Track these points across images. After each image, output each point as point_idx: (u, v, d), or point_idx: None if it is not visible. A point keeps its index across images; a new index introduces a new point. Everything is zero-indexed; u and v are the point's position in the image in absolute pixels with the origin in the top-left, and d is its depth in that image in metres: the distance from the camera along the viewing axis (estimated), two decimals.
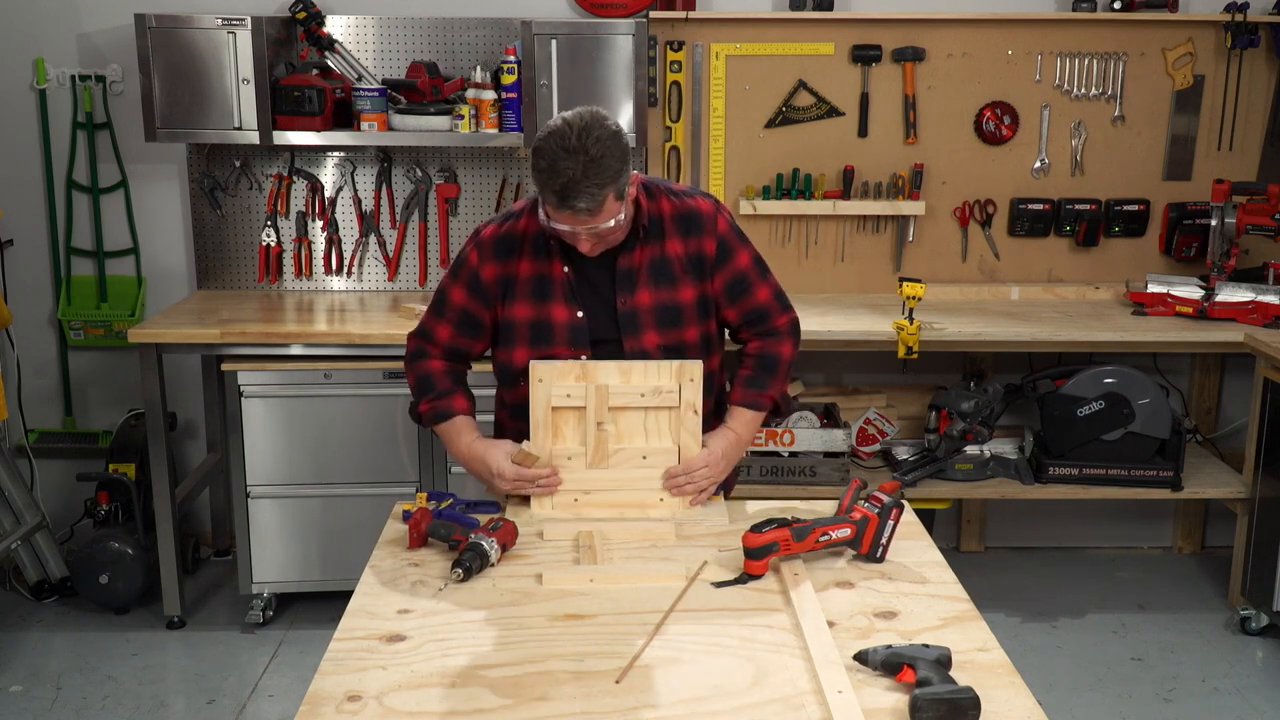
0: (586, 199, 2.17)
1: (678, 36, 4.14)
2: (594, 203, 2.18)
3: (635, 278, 2.40)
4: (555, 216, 2.24)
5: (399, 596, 2.02)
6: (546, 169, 2.18)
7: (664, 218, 2.40)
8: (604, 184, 2.18)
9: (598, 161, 2.16)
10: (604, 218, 2.23)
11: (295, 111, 3.85)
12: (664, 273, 2.40)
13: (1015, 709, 1.68)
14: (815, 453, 3.98)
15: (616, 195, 2.22)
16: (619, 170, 2.20)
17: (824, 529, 2.13)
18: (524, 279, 2.41)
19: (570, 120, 2.20)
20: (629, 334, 2.40)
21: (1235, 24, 4.14)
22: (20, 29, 4.14)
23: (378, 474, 3.80)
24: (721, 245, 2.43)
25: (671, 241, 2.41)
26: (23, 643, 3.83)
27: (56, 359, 4.40)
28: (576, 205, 2.18)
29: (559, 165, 2.16)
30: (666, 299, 2.41)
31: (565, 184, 2.16)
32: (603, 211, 2.21)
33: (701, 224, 2.41)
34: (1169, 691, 3.59)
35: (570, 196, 2.17)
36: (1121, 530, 4.63)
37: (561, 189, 2.16)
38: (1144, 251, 4.39)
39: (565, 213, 2.20)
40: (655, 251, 2.40)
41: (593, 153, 2.16)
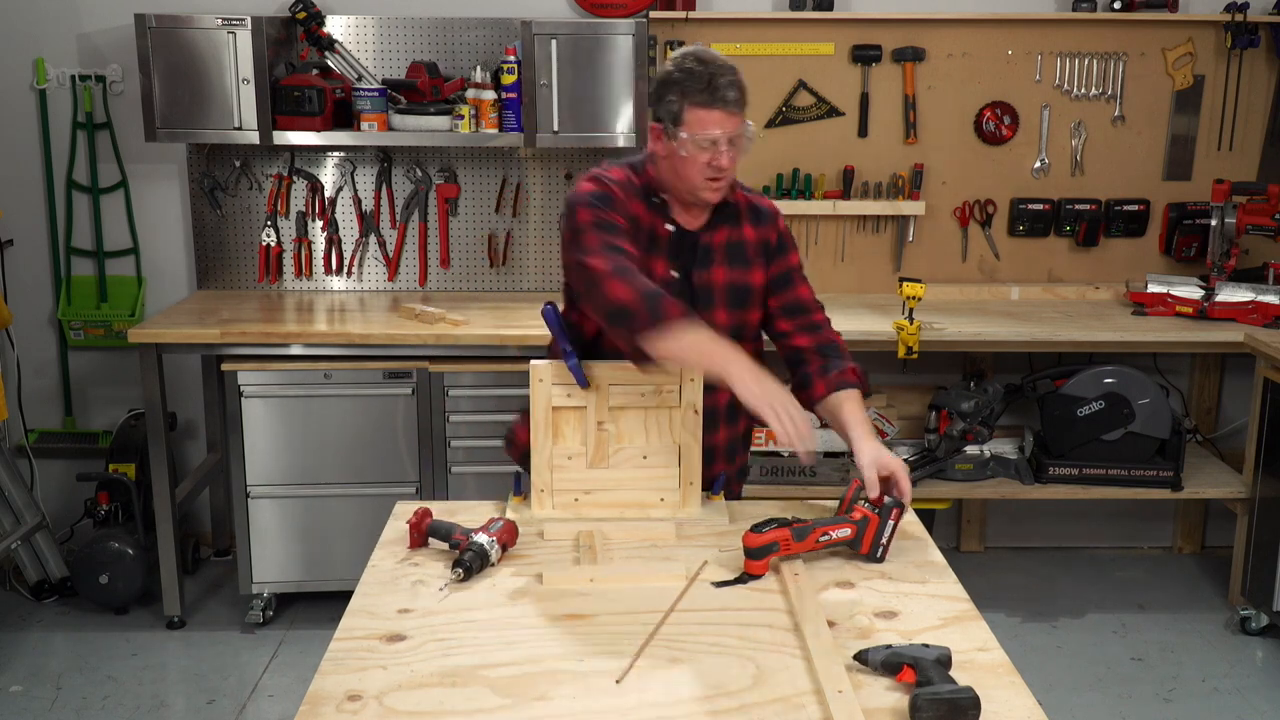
0: (734, 90, 2.26)
1: (678, 36, 4.14)
2: (741, 94, 2.27)
3: (712, 255, 2.46)
4: (704, 119, 2.27)
5: (399, 596, 2.01)
6: (690, 72, 2.26)
7: (739, 204, 2.49)
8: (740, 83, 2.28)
9: (724, 64, 2.28)
10: (743, 121, 2.31)
11: (295, 111, 3.85)
12: (739, 254, 2.47)
13: (1015, 709, 1.68)
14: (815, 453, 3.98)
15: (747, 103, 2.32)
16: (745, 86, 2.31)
17: (824, 529, 2.13)
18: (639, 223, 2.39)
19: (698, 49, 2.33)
20: (701, 309, 2.39)
21: (1235, 24, 4.14)
22: (20, 29, 4.14)
23: (378, 474, 3.80)
24: (781, 238, 2.53)
25: (746, 227, 2.49)
26: (23, 643, 3.83)
27: (56, 359, 4.40)
28: (728, 95, 2.25)
29: (692, 71, 2.26)
30: (739, 279, 2.47)
31: (710, 76, 2.25)
32: (743, 117, 2.30)
33: (768, 216, 2.53)
34: (1169, 691, 3.59)
35: (718, 87, 2.25)
36: (1121, 530, 4.63)
37: (710, 79, 2.24)
38: (1144, 251, 4.39)
39: (716, 109, 2.26)
40: (733, 234, 2.48)
41: (717, 60, 2.28)
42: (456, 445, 3.79)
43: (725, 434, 2.57)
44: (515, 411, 2.56)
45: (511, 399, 3.73)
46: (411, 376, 3.73)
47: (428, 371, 3.73)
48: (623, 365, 2.35)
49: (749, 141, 2.35)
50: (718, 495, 2.44)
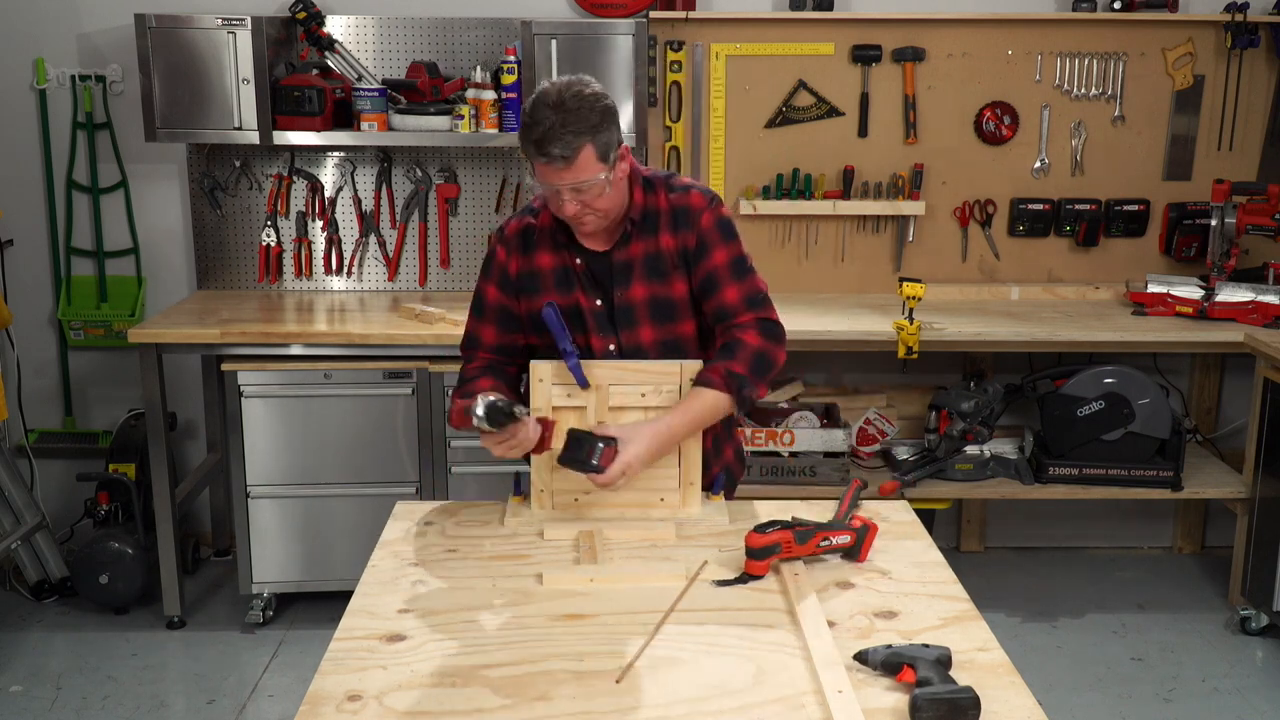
0: (561, 146, 2.20)
1: (678, 36, 4.14)
2: (569, 150, 2.21)
3: (630, 271, 2.40)
4: (539, 173, 2.27)
5: (399, 596, 2.01)
6: (528, 123, 2.24)
7: (659, 211, 2.40)
8: (580, 133, 2.21)
9: (574, 113, 2.21)
10: (582, 172, 2.23)
11: (295, 111, 3.85)
12: (656, 266, 2.40)
13: (1015, 709, 1.68)
14: (815, 453, 3.98)
15: (598, 153, 2.23)
16: (598, 125, 2.23)
17: (825, 534, 2.13)
18: (547, 271, 2.44)
19: (554, 81, 2.29)
20: (624, 328, 2.40)
21: (1235, 24, 4.14)
22: (20, 29, 4.14)
23: (378, 474, 3.80)
24: (700, 240, 2.38)
25: (664, 235, 2.40)
26: (23, 643, 3.83)
27: (56, 359, 4.40)
28: (551, 152, 2.21)
29: (537, 116, 2.22)
30: (660, 293, 2.40)
31: (542, 133, 2.21)
32: (579, 163, 2.23)
33: (689, 218, 2.39)
34: (1169, 691, 3.59)
35: (545, 143, 2.21)
36: (1121, 530, 4.63)
37: (539, 138, 2.22)
38: (1144, 251, 4.39)
39: (543, 163, 2.24)
40: (650, 245, 2.40)
41: (569, 105, 2.22)
42: (456, 445, 3.79)
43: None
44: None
45: None
46: (411, 376, 3.73)
47: (428, 371, 3.73)
48: (623, 365, 2.35)
49: (596, 187, 2.26)
50: (718, 495, 2.44)
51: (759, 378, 2.36)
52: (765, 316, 2.40)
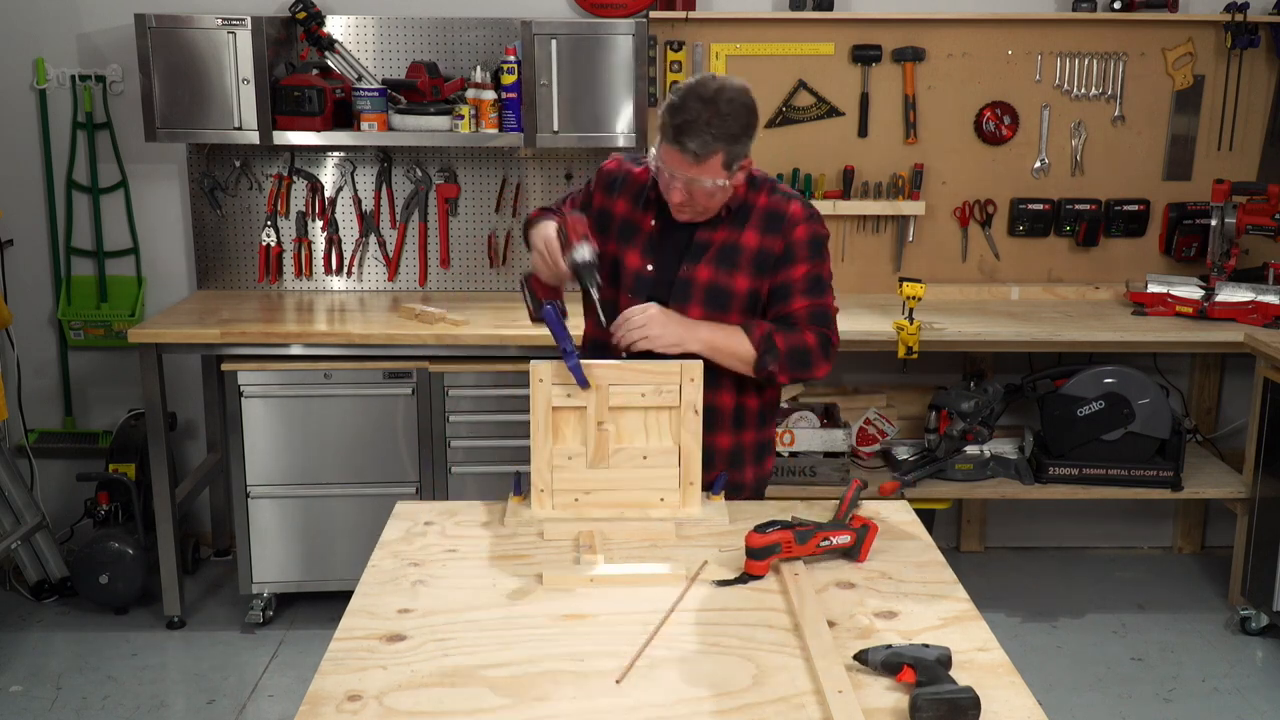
0: (699, 143, 2.27)
1: (678, 36, 4.14)
2: (704, 149, 2.27)
3: (704, 251, 2.47)
4: (664, 153, 2.33)
5: (399, 596, 2.01)
6: (676, 105, 2.30)
7: (753, 208, 2.47)
8: (719, 138, 2.28)
9: (723, 117, 2.27)
10: (705, 172, 2.31)
11: (295, 111, 3.85)
12: (729, 257, 2.46)
13: (1015, 709, 1.68)
14: (815, 453, 3.98)
15: (726, 161, 2.31)
16: (737, 135, 2.30)
17: (825, 534, 2.14)
18: (618, 217, 2.53)
19: (716, 76, 2.34)
20: (677, 300, 2.47)
21: (1235, 24, 4.14)
22: (20, 29, 4.14)
23: (378, 474, 3.80)
24: (788, 249, 2.46)
25: (749, 232, 2.46)
26: (23, 643, 3.83)
27: (56, 359, 4.40)
28: (686, 145, 2.28)
29: (687, 104, 2.28)
30: (722, 281, 2.46)
31: (685, 121, 2.27)
32: (707, 164, 2.30)
33: (782, 224, 2.46)
34: (1169, 691, 3.59)
35: (685, 134, 2.27)
36: (1121, 530, 4.63)
37: (681, 125, 2.27)
38: (1144, 251, 4.39)
39: (675, 149, 2.30)
40: (732, 236, 2.47)
41: (722, 108, 2.28)
42: (456, 445, 3.79)
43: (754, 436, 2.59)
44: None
45: (511, 399, 3.73)
46: (411, 376, 3.73)
47: (428, 371, 3.73)
48: (623, 365, 2.35)
49: (708, 189, 2.35)
50: (718, 495, 2.44)
51: (789, 364, 2.44)
52: (826, 334, 2.48)
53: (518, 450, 3.66)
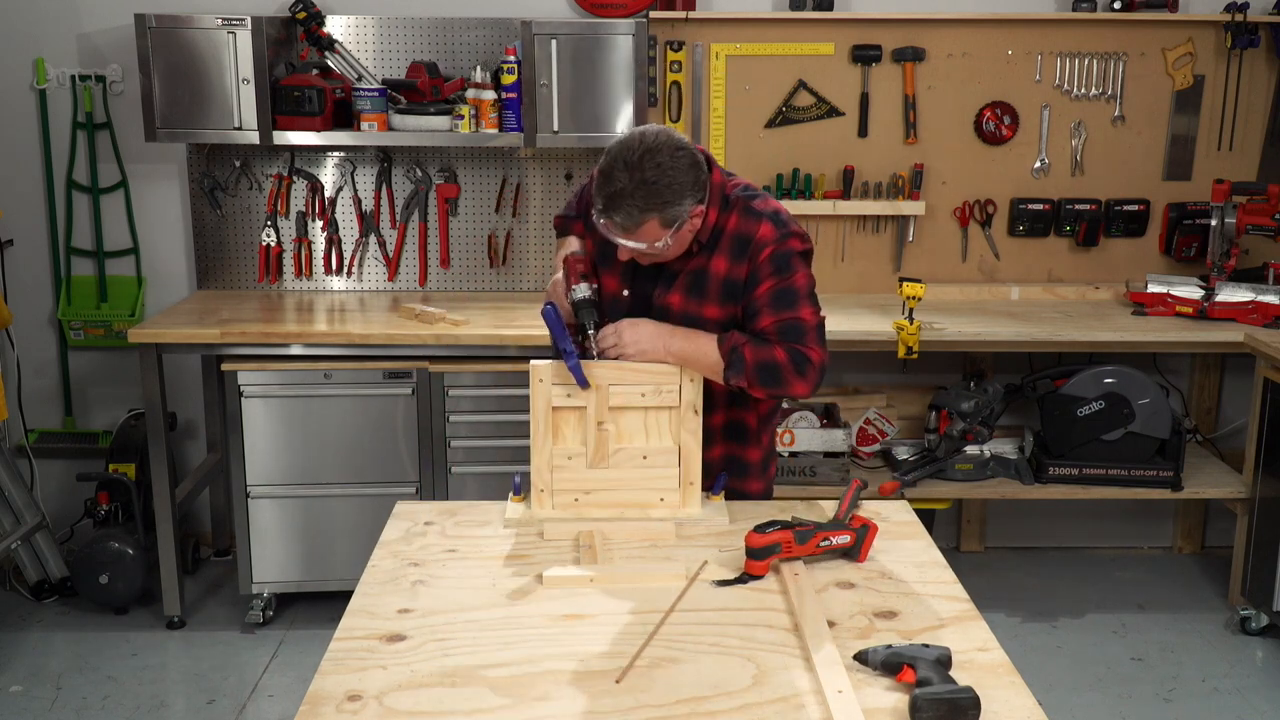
0: (624, 216, 2.20)
1: (678, 36, 4.14)
2: (630, 222, 2.21)
3: (674, 280, 2.41)
4: (603, 224, 2.27)
5: (399, 596, 2.01)
6: (603, 172, 2.22)
7: (723, 233, 2.37)
8: (648, 209, 2.19)
9: (649, 185, 2.18)
10: (641, 238, 2.25)
11: (295, 111, 3.85)
12: (698, 285, 2.39)
13: (1015, 709, 1.68)
14: (815, 453, 3.98)
15: (664, 222, 2.23)
16: (671, 200, 2.20)
17: (825, 534, 2.14)
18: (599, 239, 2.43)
19: (645, 134, 2.22)
20: None
21: (1235, 24, 4.14)
22: (20, 29, 4.14)
23: (378, 474, 3.80)
24: (753, 273, 2.35)
25: (718, 259, 2.37)
26: (23, 643, 3.83)
27: (56, 359, 4.40)
28: (613, 218, 2.22)
29: (613, 174, 2.20)
30: (694, 310, 2.40)
31: (611, 194, 2.20)
32: (639, 232, 2.23)
33: (748, 249, 2.35)
34: (1169, 691, 3.59)
35: (610, 208, 2.21)
36: (1121, 530, 4.63)
37: (607, 197, 2.21)
38: (1144, 251, 4.39)
39: (603, 219, 2.24)
40: (701, 262, 2.39)
41: (648, 176, 2.18)
42: (456, 445, 3.79)
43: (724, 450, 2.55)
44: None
45: (511, 399, 3.73)
46: (411, 376, 3.73)
47: (428, 371, 3.73)
48: (623, 365, 2.35)
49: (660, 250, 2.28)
50: (718, 495, 2.44)
51: (759, 378, 2.33)
52: (801, 350, 2.34)
53: (518, 450, 3.66)
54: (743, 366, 2.32)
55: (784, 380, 2.34)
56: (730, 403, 2.49)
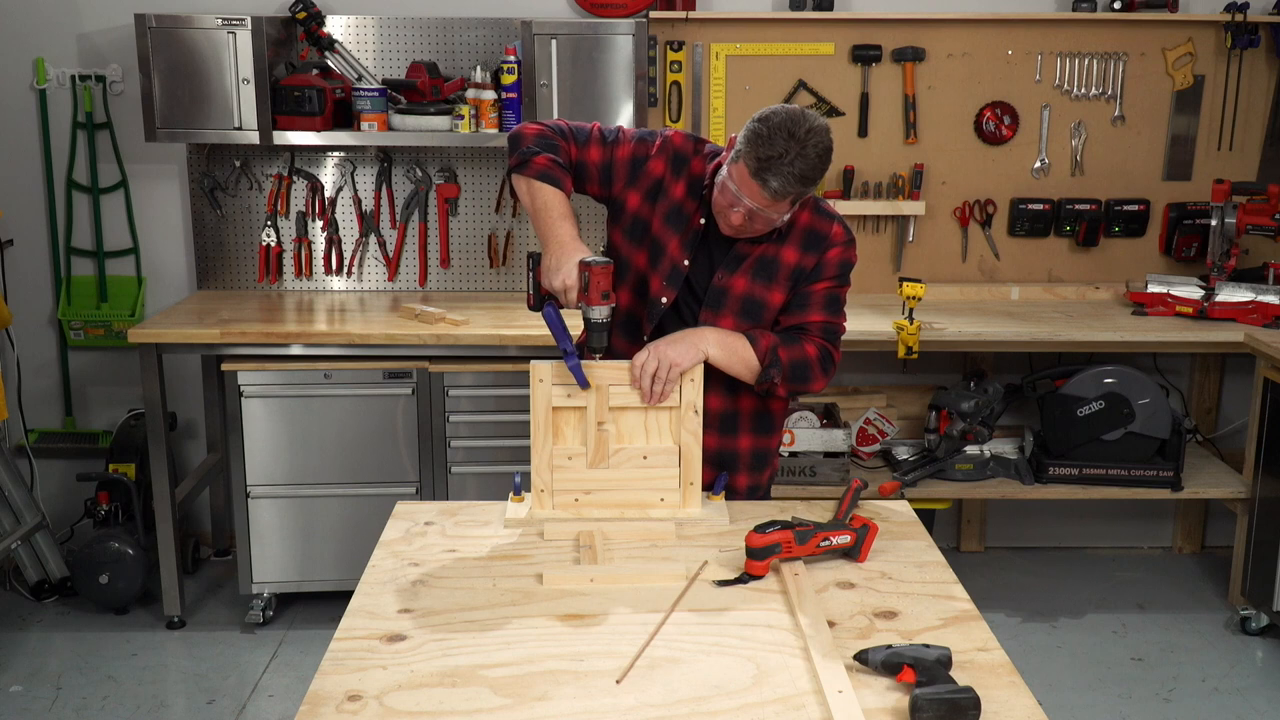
0: (781, 182, 2.24)
1: (678, 36, 4.14)
2: (785, 188, 2.25)
3: (741, 263, 2.46)
4: (739, 179, 2.29)
5: (399, 596, 2.02)
6: (763, 136, 2.25)
7: (795, 225, 2.46)
8: (800, 180, 2.25)
9: (808, 160, 2.25)
10: (774, 209, 2.31)
11: (295, 111, 3.85)
12: (767, 270, 2.46)
13: (1015, 709, 1.68)
14: (815, 453, 3.98)
15: (795, 199, 2.31)
16: (814, 179, 2.29)
17: (825, 534, 2.14)
18: (672, 199, 2.47)
19: (806, 114, 2.29)
20: (710, 308, 2.47)
21: (1235, 24, 4.14)
22: (20, 29, 4.14)
23: (378, 474, 3.80)
24: (818, 267, 2.47)
25: (789, 248, 2.46)
26: (23, 643, 3.83)
27: (56, 359, 4.40)
28: (769, 182, 2.25)
29: (775, 139, 2.23)
30: (758, 294, 2.46)
31: (771, 157, 2.23)
32: (779, 204, 2.29)
33: (820, 245, 2.46)
34: (1169, 691, 3.59)
35: (769, 170, 2.24)
36: (1121, 530, 4.63)
37: (766, 159, 2.23)
38: (1144, 251, 4.39)
39: (755, 183, 2.26)
40: (771, 250, 2.46)
41: (809, 152, 2.25)
42: (456, 445, 3.79)
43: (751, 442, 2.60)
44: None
45: (511, 399, 3.73)
46: (411, 376, 3.73)
47: (428, 371, 3.73)
48: (623, 365, 2.35)
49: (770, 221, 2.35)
50: (718, 495, 2.44)
51: (791, 377, 2.45)
52: (828, 348, 2.49)
53: (518, 450, 3.66)
54: (781, 366, 2.43)
55: (811, 377, 2.47)
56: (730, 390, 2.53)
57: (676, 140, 2.52)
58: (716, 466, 2.55)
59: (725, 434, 2.57)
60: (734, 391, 2.53)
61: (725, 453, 2.58)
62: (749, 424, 2.59)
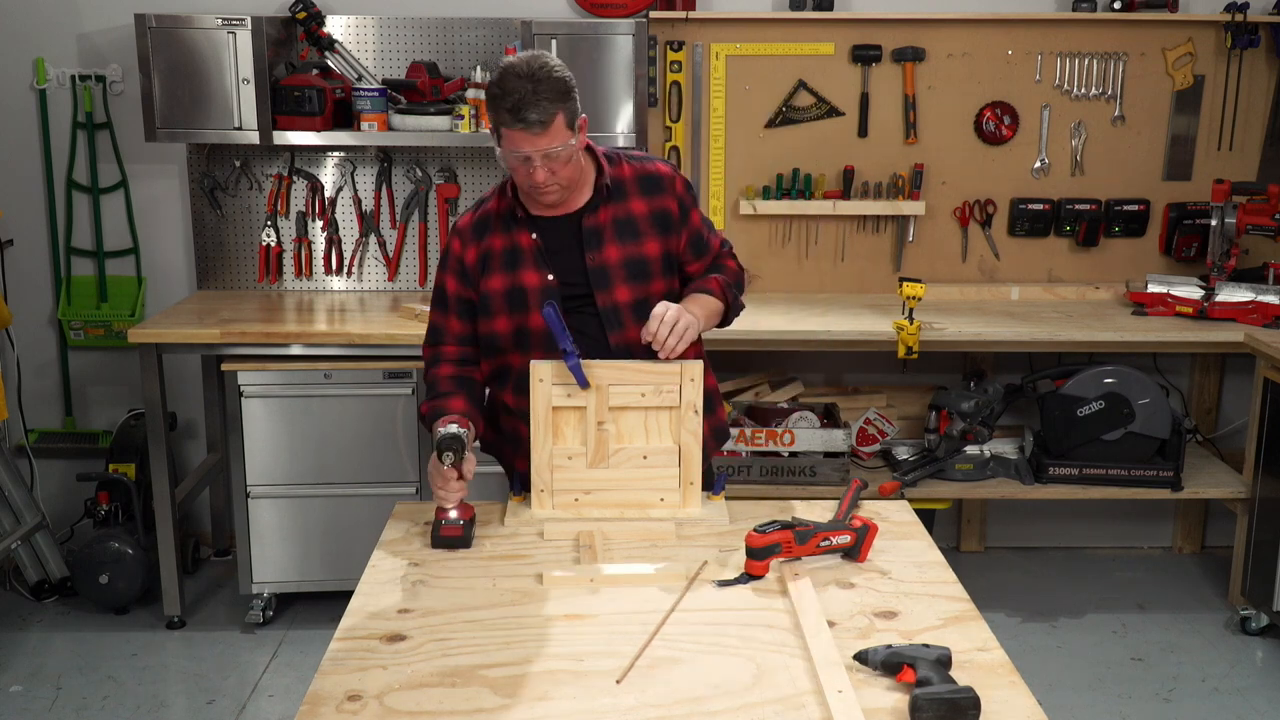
0: (538, 111, 2.28)
1: (678, 36, 4.14)
2: (545, 115, 2.29)
3: (602, 235, 2.48)
4: (509, 138, 2.32)
5: (399, 596, 2.02)
6: (499, 93, 2.31)
7: (625, 180, 2.52)
8: (554, 100, 2.31)
9: (545, 82, 2.31)
10: (555, 139, 2.32)
11: (295, 111, 3.85)
12: (629, 229, 2.49)
13: (1015, 709, 1.68)
14: (815, 453, 3.98)
15: (567, 121, 2.34)
16: (566, 93, 2.34)
17: (825, 534, 2.14)
18: (498, 252, 2.50)
19: (518, 56, 2.38)
20: (600, 288, 2.46)
21: (1235, 24, 4.14)
22: (20, 29, 4.14)
23: (378, 474, 3.80)
24: (681, 205, 2.55)
25: (634, 201, 2.51)
26: (23, 643, 3.83)
27: (56, 359, 4.40)
28: (529, 118, 2.28)
29: (509, 85, 2.29)
30: (634, 253, 2.49)
31: (517, 100, 2.28)
32: (552, 130, 2.31)
33: (662, 185, 2.54)
34: (1169, 691, 3.59)
35: (522, 109, 2.28)
36: (1121, 530, 4.63)
37: (514, 105, 2.28)
38: (1144, 251, 4.39)
39: (519, 128, 2.29)
40: (619, 211, 2.50)
41: (540, 76, 2.31)
42: None
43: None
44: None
45: None
46: (411, 376, 3.73)
47: None
48: (623, 365, 2.36)
49: (570, 152, 2.35)
50: (718, 495, 2.44)
51: (739, 293, 2.64)
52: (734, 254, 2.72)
53: None
54: (738, 293, 2.61)
55: (744, 284, 2.70)
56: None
57: (460, 224, 2.54)
58: None
59: None
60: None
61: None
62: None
